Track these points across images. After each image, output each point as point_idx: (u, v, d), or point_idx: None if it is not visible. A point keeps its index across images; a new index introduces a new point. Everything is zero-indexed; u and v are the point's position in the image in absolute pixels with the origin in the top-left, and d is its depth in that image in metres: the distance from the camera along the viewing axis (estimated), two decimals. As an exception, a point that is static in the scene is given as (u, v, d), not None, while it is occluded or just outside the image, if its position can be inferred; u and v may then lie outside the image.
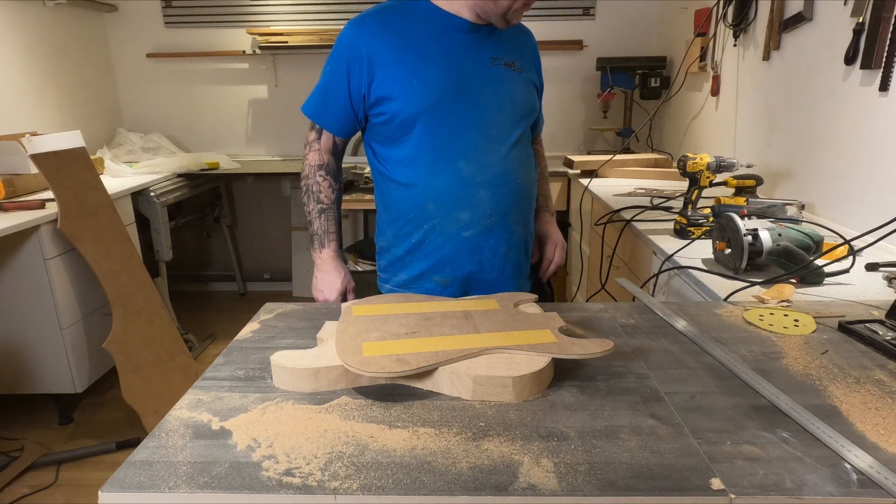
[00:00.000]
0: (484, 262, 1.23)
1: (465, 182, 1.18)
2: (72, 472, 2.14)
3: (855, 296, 1.14)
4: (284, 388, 0.81)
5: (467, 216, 1.19)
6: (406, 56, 1.15)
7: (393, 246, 1.28)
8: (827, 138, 1.74)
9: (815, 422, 0.69)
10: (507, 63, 1.21)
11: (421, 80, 1.15)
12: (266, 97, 3.67)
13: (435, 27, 1.17)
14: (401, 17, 1.18)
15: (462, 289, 1.26)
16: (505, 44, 1.23)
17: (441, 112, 1.16)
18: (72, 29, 3.26)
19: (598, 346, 0.81)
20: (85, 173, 2.28)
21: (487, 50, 1.20)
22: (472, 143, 1.17)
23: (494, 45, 1.21)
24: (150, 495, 0.60)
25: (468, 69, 1.17)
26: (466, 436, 0.69)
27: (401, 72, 1.15)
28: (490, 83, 1.19)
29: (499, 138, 1.20)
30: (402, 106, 1.16)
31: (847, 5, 1.63)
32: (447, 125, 1.16)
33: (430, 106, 1.15)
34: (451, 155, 1.17)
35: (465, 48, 1.18)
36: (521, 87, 1.24)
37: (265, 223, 3.94)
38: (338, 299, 1.29)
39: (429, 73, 1.15)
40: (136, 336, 2.33)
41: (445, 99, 1.15)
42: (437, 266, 1.24)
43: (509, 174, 1.21)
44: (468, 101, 1.17)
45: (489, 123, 1.19)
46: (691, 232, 1.55)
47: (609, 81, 3.16)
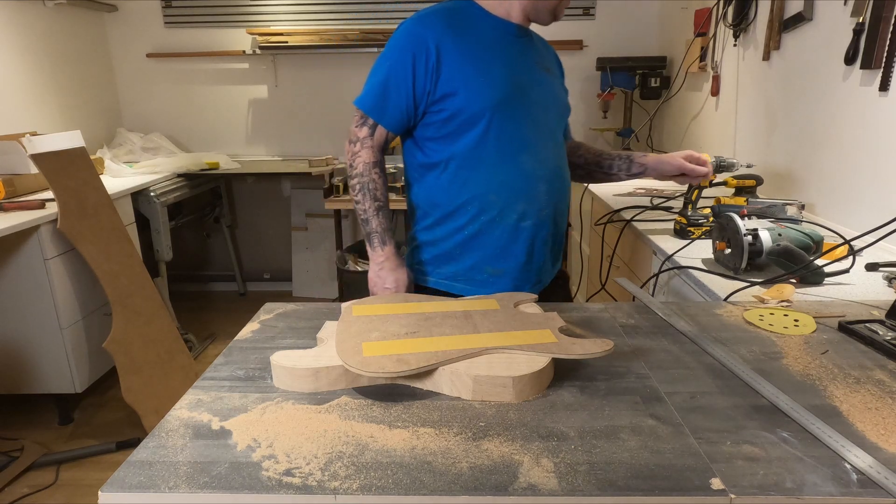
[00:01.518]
0: (534, 253, 1.28)
1: (527, 175, 1.23)
2: (72, 472, 2.14)
3: (855, 296, 1.14)
4: (284, 388, 0.81)
5: (525, 207, 1.24)
6: (471, 55, 1.20)
7: (441, 240, 1.29)
8: (827, 138, 1.74)
9: (815, 422, 0.69)
10: (545, 67, 1.30)
11: (487, 79, 1.19)
12: (266, 97, 3.67)
13: (490, 30, 1.24)
14: (461, 18, 1.23)
15: (513, 282, 1.28)
16: (540, 51, 1.33)
17: (505, 109, 1.21)
18: (72, 29, 3.26)
19: (598, 346, 0.81)
20: (85, 173, 2.28)
21: (531, 54, 1.28)
22: (531, 139, 1.24)
23: (534, 49, 1.30)
24: (150, 495, 0.60)
25: (522, 70, 1.24)
26: (466, 436, 0.69)
27: (468, 69, 1.19)
28: (538, 84, 1.27)
29: (550, 135, 1.28)
30: (467, 102, 1.19)
31: (847, 5, 1.63)
32: (510, 122, 1.21)
33: (495, 103, 1.19)
34: (514, 150, 1.22)
35: (515, 51, 1.25)
36: (559, 90, 1.34)
37: (265, 223, 3.94)
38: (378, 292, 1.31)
39: (493, 72, 1.20)
40: (136, 336, 2.33)
41: (508, 97, 1.21)
42: (491, 257, 1.26)
43: (560, 169, 1.30)
44: (525, 100, 1.23)
45: (542, 121, 1.26)
46: (691, 232, 1.55)
47: (609, 81, 3.16)
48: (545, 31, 1.38)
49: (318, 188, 3.59)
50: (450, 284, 1.30)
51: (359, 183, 1.26)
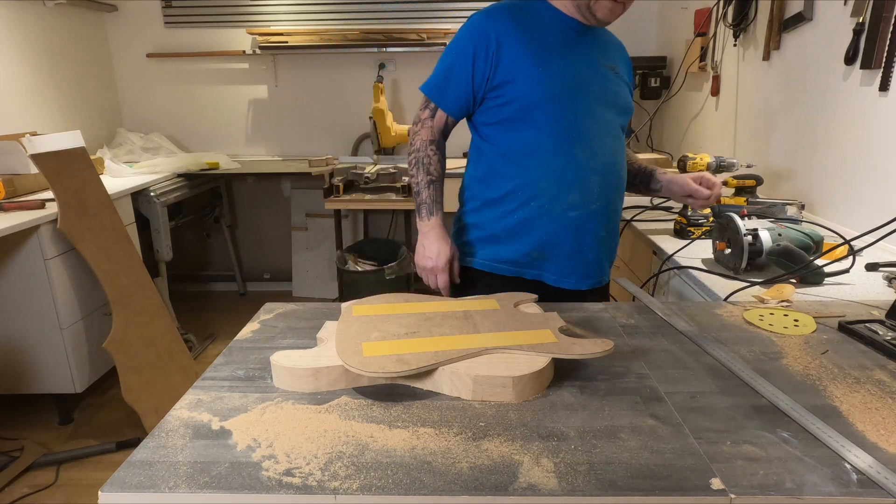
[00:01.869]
0: (583, 244, 1.29)
1: (580, 166, 1.25)
2: (72, 472, 2.14)
3: (855, 296, 1.14)
4: (284, 388, 0.81)
5: (576, 198, 1.26)
6: (532, 47, 1.25)
7: (488, 223, 1.34)
8: (827, 138, 1.74)
9: (815, 422, 0.69)
10: (608, 65, 1.32)
11: (546, 70, 1.24)
12: (266, 97, 3.67)
13: (554, 25, 1.28)
14: (525, 13, 1.28)
15: (558, 269, 1.31)
16: (608, 48, 1.35)
17: (562, 100, 1.24)
18: (72, 29, 3.26)
19: (598, 346, 0.81)
20: (85, 173, 2.28)
21: (594, 51, 1.31)
22: (586, 132, 1.26)
23: (599, 47, 1.33)
24: (150, 495, 0.60)
25: (582, 65, 1.28)
26: (466, 436, 0.69)
27: (527, 60, 1.24)
28: (603, 81, 1.30)
29: (606, 130, 1.29)
30: (525, 91, 1.24)
31: (847, 5, 1.63)
32: (567, 113, 1.25)
33: (554, 94, 1.24)
34: (569, 140, 1.25)
35: (577, 46, 1.28)
36: (623, 90, 1.35)
37: (265, 223, 3.94)
38: (445, 267, 1.31)
39: (552, 64, 1.24)
40: (136, 336, 2.33)
41: (567, 89, 1.25)
42: (538, 243, 1.30)
43: (615, 164, 1.31)
44: (584, 93, 1.26)
45: (600, 116, 1.28)
46: (691, 232, 1.55)
47: (609, 81, 3.15)
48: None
49: (318, 188, 3.59)
50: (494, 266, 1.33)
51: (415, 158, 1.33)
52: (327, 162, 3.32)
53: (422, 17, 3.46)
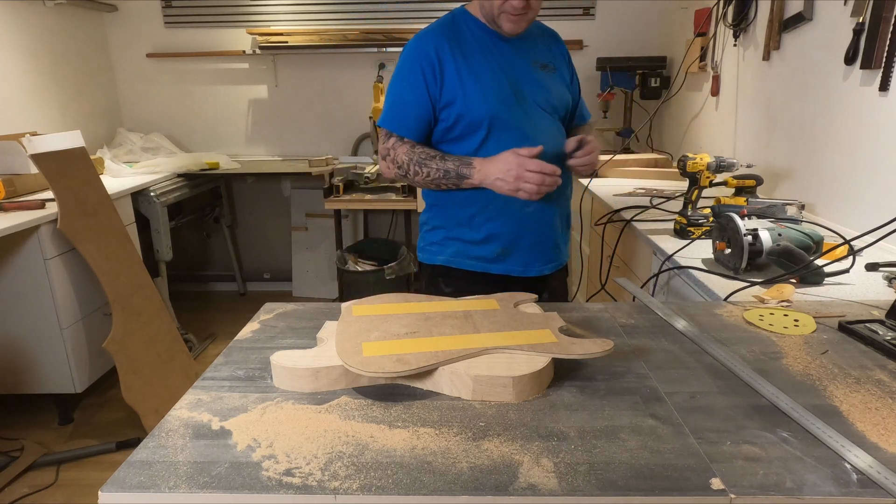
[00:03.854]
0: (543, 234, 1.38)
1: None
2: (72, 472, 2.14)
3: (855, 296, 1.14)
4: (284, 388, 0.81)
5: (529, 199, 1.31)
6: (467, 64, 1.30)
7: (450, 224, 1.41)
8: (827, 138, 1.74)
9: (815, 422, 0.69)
10: (543, 66, 1.36)
11: (482, 86, 1.29)
12: (266, 97, 3.67)
13: (484, 37, 1.32)
14: (455, 31, 1.32)
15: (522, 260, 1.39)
16: (539, 48, 1.38)
17: (503, 112, 1.29)
18: (72, 29, 3.26)
19: (598, 346, 0.81)
20: (85, 173, 2.28)
21: (524, 54, 1.34)
22: (529, 135, 1.31)
23: (531, 50, 1.36)
24: (150, 495, 0.60)
25: (517, 73, 1.32)
26: (466, 436, 0.69)
27: (465, 78, 1.29)
28: (535, 84, 1.34)
29: (547, 128, 1.35)
30: (466, 110, 1.29)
31: (847, 5, 1.63)
32: (508, 124, 1.30)
33: (493, 108, 1.29)
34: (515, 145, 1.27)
35: (511, 55, 1.33)
36: (556, 86, 1.38)
37: (265, 223, 3.94)
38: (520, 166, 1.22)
39: (486, 78, 1.29)
40: (136, 336, 2.33)
41: (505, 101, 1.30)
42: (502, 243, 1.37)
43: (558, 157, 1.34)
44: (520, 100, 1.31)
45: (538, 117, 1.34)
46: (691, 232, 1.55)
47: (609, 81, 3.16)
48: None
49: (318, 188, 3.59)
50: (462, 262, 1.40)
51: (414, 164, 1.31)
52: (327, 162, 3.32)
53: (422, 18, 3.46)
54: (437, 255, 1.44)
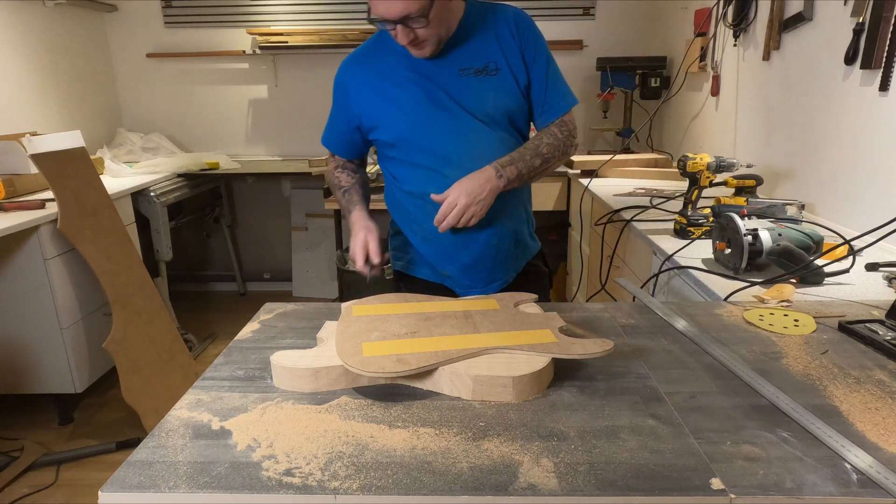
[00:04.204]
0: (479, 256, 1.31)
1: None
2: (72, 472, 2.14)
3: (855, 296, 1.14)
4: (284, 388, 0.81)
5: None
6: (382, 86, 1.26)
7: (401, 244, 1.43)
8: (827, 138, 1.74)
9: (815, 422, 0.69)
10: (477, 70, 1.24)
11: (397, 107, 1.25)
12: (266, 97, 3.67)
13: (405, 55, 1.24)
14: (377, 50, 1.29)
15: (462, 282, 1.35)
16: (474, 49, 1.24)
17: (422, 131, 1.25)
18: (72, 29, 3.26)
19: (598, 346, 0.81)
20: (85, 173, 2.28)
21: (455, 64, 1.24)
22: (453, 153, 1.24)
23: (461, 55, 1.24)
24: (150, 495, 0.60)
25: (438, 87, 1.23)
26: (466, 436, 0.69)
27: (379, 101, 1.27)
28: (463, 95, 1.23)
29: (480, 144, 1.24)
30: (387, 132, 1.28)
31: (847, 5, 1.63)
32: (430, 141, 1.25)
33: (412, 127, 1.25)
34: (439, 165, 1.25)
35: (433, 68, 1.24)
36: (494, 91, 1.24)
37: (265, 223, 3.94)
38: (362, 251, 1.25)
39: (403, 99, 1.25)
40: (136, 336, 2.33)
41: (423, 119, 1.24)
42: (438, 262, 1.35)
43: None
44: (443, 116, 1.24)
45: (468, 130, 1.24)
46: (691, 232, 1.55)
47: (609, 81, 3.16)
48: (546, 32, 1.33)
49: (318, 188, 3.59)
50: (415, 269, 1.41)
51: (330, 186, 1.47)
52: (327, 162, 3.31)
53: (422, 17, 3.46)
54: (397, 261, 1.44)
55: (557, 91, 1.29)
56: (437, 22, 1.14)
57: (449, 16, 1.18)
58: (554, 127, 1.29)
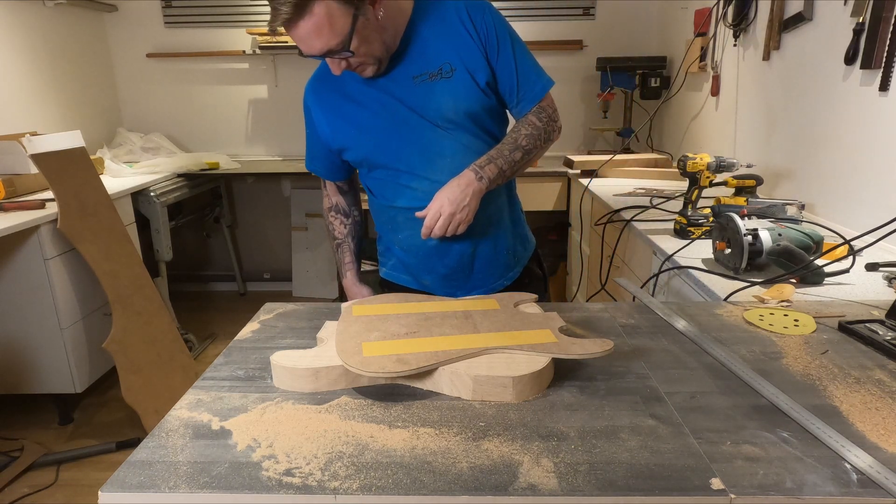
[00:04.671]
0: (455, 265, 1.29)
1: (423, 198, 1.20)
2: (72, 472, 2.14)
3: (855, 296, 1.14)
4: (284, 388, 0.81)
5: None
6: (343, 107, 1.25)
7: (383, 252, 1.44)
8: (827, 138, 1.74)
9: (815, 422, 0.69)
10: (431, 75, 1.19)
11: (357, 126, 1.24)
12: (266, 97, 3.67)
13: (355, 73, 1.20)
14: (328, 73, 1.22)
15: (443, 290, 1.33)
16: (426, 52, 1.19)
17: (383, 147, 1.23)
18: (72, 29, 3.26)
19: (598, 346, 0.81)
20: (85, 173, 2.28)
21: (408, 71, 1.19)
22: (417, 165, 1.22)
23: (414, 62, 1.19)
24: (150, 495, 0.60)
25: (394, 99, 1.20)
26: (466, 436, 0.69)
27: (341, 124, 1.25)
28: (420, 103, 1.19)
29: (444, 153, 1.21)
30: (354, 152, 1.27)
31: (847, 5, 1.63)
32: (392, 156, 1.23)
33: (374, 145, 1.23)
34: (404, 179, 1.24)
35: (386, 81, 1.20)
36: (450, 94, 1.19)
37: (265, 223, 3.94)
38: None
39: (361, 117, 1.23)
40: (136, 336, 2.33)
41: (383, 135, 1.22)
42: (416, 273, 1.35)
43: None
44: (402, 129, 1.21)
45: (429, 140, 1.21)
46: (691, 232, 1.55)
47: (609, 81, 3.16)
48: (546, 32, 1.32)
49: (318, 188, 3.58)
50: (397, 276, 1.39)
51: (327, 225, 1.46)
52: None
53: (422, 17, 3.46)
54: (381, 267, 1.43)
55: (528, 77, 1.22)
56: (366, 47, 1.09)
57: (383, 33, 1.12)
58: (531, 115, 1.23)
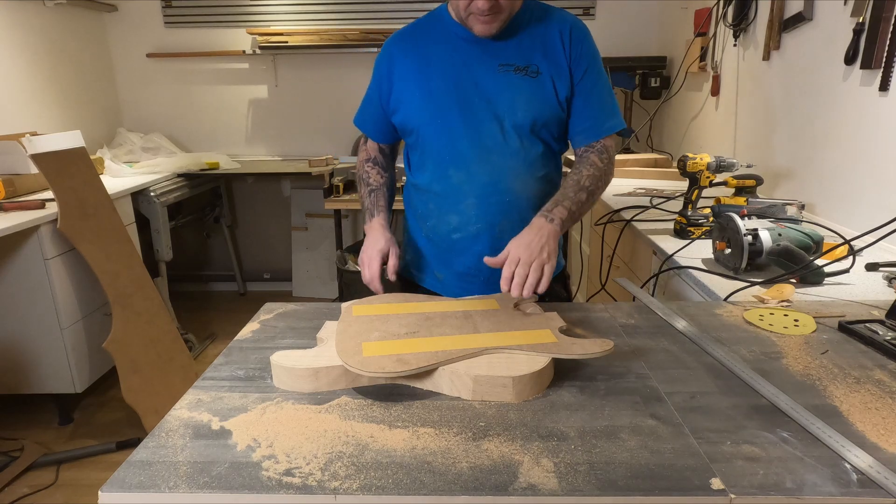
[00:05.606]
0: (472, 266, 1.26)
1: (455, 189, 1.22)
2: (72, 472, 2.14)
3: (855, 296, 1.14)
4: (284, 388, 0.81)
5: (455, 220, 1.24)
6: (418, 70, 1.22)
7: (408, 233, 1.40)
8: (827, 138, 1.74)
9: (815, 422, 0.69)
10: (517, 68, 1.17)
11: (423, 93, 1.21)
12: (266, 97, 3.67)
13: (448, 39, 1.21)
14: (423, 33, 1.25)
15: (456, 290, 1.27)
16: (519, 45, 1.18)
17: (439, 122, 1.21)
18: (72, 29, 3.26)
19: (598, 346, 0.81)
20: (85, 173, 2.28)
21: (497, 57, 1.18)
22: (462, 153, 1.20)
23: (506, 50, 1.18)
24: (150, 495, 0.60)
25: (471, 79, 1.18)
26: (466, 436, 0.69)
27: (409, 86, 1.23)
28: (496, 92, 1.18)
29: (493, 148, 1.19)
30: (407, 117, 1.25)
31: (847, 5, 1.63)
32: (443, 134, 1.21)
33: (430, 116, 1.21)
34: (445, 163, 1.22)
35: (472, 58, 1.19)
36: (529, 93, 1.17)
37: (265, 223, 3.94)
38: (378, 260, 1.18)
39: (431, 86, 1.21)
40: (136, 336, 2.33)
41: (444, 109, 1.20)
42: (434, 261, 1.32)
43: (499, 184, 1.20)
44: (465, 111, 1.19)
45: (484, 133, 1.19)
46: (691, 232, 1.55)
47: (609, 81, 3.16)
48: None
49: (318, 188, 3.59)
50: (411, 273, 1.38)
51: (357, 176, 1.40)
52: (327, 162, 3.32)
53: (422, 17, 3.46)
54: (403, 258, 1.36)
55: (604, 109, 1.23)
56: None
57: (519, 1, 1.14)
58: (593, 155, 1.20)
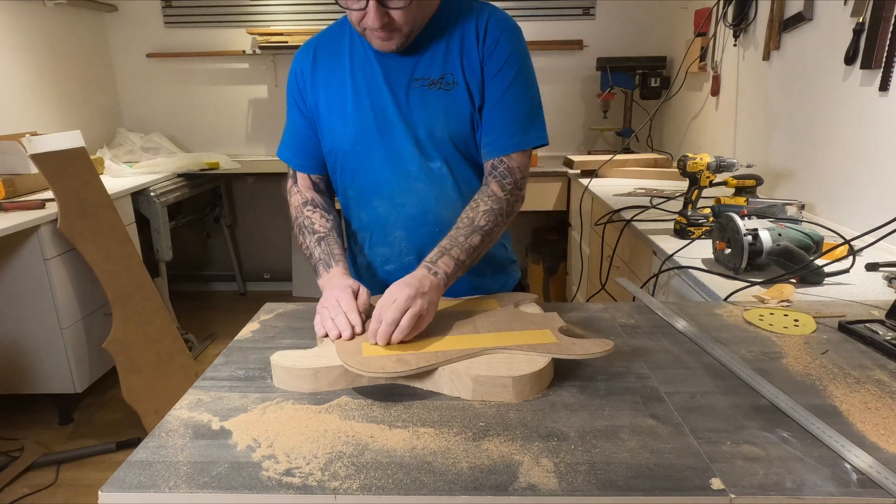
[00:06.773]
0: None
1: (381, 220, 1.13)
2: (72, 472, 2.13)
3: (855, 296, 1.14)
4: (284, 388, 0.81)
5: (385, 252, 1.16)
6: (331, 89, 1.09)
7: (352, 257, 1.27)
8: (827, 138, 1.74)
9: (815, 422, 0.69)
10: (432, 82, 1.05)
11: (342, 117, 1.09)
12: (266, 97, 3.67)
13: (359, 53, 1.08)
14: (333, 43, 1.11)
15: None
16: (434, 54, 1.05)
17: (359, 148, 1.09)
18: (72, 29, 3.26)
19: (598, 346, 0.81)
20: (85, 173, 2.28)
21: (409, 70, 1.05)
22: (385, 182, 1.09)
23: (421, 62, 1.05)
24: (150, 495, 0.60)
25: (386, 99, 1.06)
26: (466, 436, 0.69)
27: (322, 107, 1.11)
28: (409, 111, 1.06)
29: (416, 174, 1.08)
30: (329, 141, 1.12)
31: (847, 5, 1.63)
32: (364, 162, 1.10)
33: (350, 143, 1.09)
34: (367, 192, 1.12)
35: (389, 72, 1.06)
36: (445, 109, 1.05)
37: (265, 223, 3.94)
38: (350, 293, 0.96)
39: (348, 109, 1.08)
40: (136, 336, 2.33)
41: (363, 135, 1.08)
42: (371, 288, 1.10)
43: (427, 214, 1.10)
44: (384, 136, 1.07)
45: (406, 158, 1.07)
46: (691, 232, 1.55)
47: (609, 81, 3.16)
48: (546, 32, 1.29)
49: (318, 188, 3.58)
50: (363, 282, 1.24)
51: (296, 226, 1.16)
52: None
53: (422, 17, 3.46)
54: None
55: (515, 120, 1.04)
56: (416, 7, 0.96)
57: (426, 7, 1.00)
58: (493, 184, 1.04)
